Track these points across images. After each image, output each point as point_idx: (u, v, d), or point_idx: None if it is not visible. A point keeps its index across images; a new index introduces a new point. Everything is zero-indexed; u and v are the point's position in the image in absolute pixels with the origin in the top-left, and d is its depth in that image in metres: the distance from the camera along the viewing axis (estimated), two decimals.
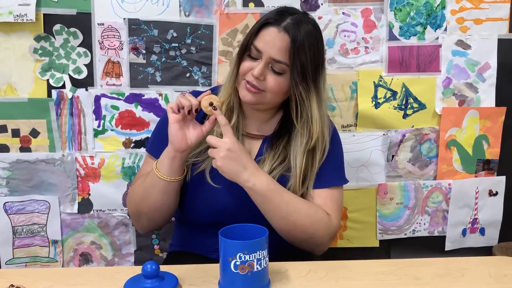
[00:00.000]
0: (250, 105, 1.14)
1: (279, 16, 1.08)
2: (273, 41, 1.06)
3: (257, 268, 0.86)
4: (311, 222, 1.08)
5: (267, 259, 0.89)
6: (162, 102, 1.57)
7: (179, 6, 1.53)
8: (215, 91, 1.23)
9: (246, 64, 1.10)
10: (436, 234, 1.73)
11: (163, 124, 1.22)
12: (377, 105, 1.63)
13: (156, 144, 1.19)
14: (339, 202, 1.19)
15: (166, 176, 1.07)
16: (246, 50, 1.10)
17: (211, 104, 1.05)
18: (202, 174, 1.14)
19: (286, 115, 1.20)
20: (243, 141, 1.19)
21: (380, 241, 1.72)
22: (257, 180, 1.04)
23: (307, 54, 1.07)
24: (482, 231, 1.75)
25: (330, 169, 1.19)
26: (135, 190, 1.16)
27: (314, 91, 1.11)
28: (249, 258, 0.85)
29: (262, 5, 1.54)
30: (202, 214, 1.14)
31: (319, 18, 1.56)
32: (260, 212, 1.11)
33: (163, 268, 0.93)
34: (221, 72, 1.56)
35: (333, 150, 1.21)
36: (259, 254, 0.86)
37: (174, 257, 1.23)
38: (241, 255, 0.85)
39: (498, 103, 1.66)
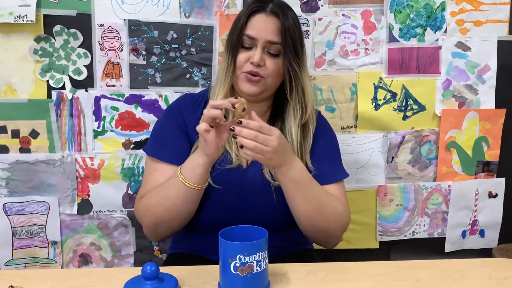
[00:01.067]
0: (253, 96, 1.15)
1: (261, 3, 1.14)
2: (264, 26, 1.12)
3: (257, 270, 0.86)
4: (333, 213, 1.11)
5: (267, 260, 0.88)
6: (162, 103, 1.57)
7: (179, 8, 1.53)
8: (206, 93, 1.23)
9: (242, 55, 1.13)
10: (436, 235, 1.73)
11: (162, 127, 1.22)
12: (377, 107, 1.63)
13: (163, 147, 1.17)
14: (346, 196, 1.22)
15: (198, 185, 1.04)
16: (238, 42, 1.12)
17: (244, 109, 0.99)
18: None
19: (275, 107, 1.22)
20: None
21: (380, 242, 1.72)
22: (292, 170, 1.04)
23: (295, 31, 1.13)
24: (481, 233, 1.75)
25: (333, 163, 1.22)
26: (154, 201, 1.10)
27: (304, 66, 1.17)
28: (249, 259, 0.85)
29: None
30: (203, 215, 1.14)
31: (319, 19, 1.57)
32: (260, 212, 1.11)
33: (163, 269, 0.93)
34: None
35: (331, 142, 1.25)
36: (259, 256, 0.86)
37: (174, 258, 1.22)
38: (241, 257, 0.85)
39: (498, 105, 1.66)
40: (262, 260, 0.86)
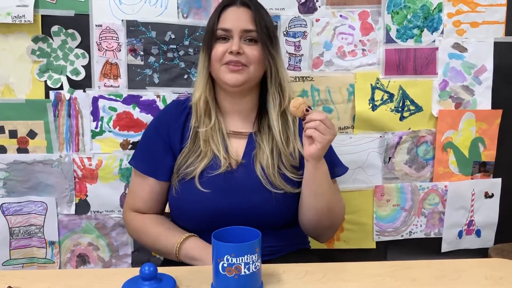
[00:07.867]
0: (238, 86, 1.15)
1: None
2: (237, 16, 1.15)
3: (244, 272, 0.84)
4: (340, 213, 1.20)
5: (257, 263, 0.86)
6: (160, 104, 1.57)
7: (177, 8, 1.53)
8: (188, 100, 1.23)
9: (219, 48, 1.14)
10: (432, 235, 1.74)
11: (148, 141, 1.23)
12: (374, 108, 1.63)
13: (148, 162, 1.20)
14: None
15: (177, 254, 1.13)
16: (213, 37, 1.15)
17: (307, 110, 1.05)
18: (191, 181, 1.13)
19: (261, 103, 1.23)
20: (229, 139, 1.19)
21: (377, 242, 1.73)
22: (324, 165, 1.11)
23: (266, 19, 1.18)
24: (478, 233, 1.76)
25: (333, 158, 1.24)
26: (135, 227, 1.23)
27: (279, 56, 1.21)
28: (236, 261, 0.84)
29: None
30: (194, 220, 1.14)
31: (317, 20, 1.57)
32: (253, 213, 1.10)
33: (161, 269, 0.93)
34: None
35: None
36: (247, 258, 0.84)
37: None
38: (228, 258, 0.84)
39: (494, 105, 1.66)
40: (251, 262, 0.85)
